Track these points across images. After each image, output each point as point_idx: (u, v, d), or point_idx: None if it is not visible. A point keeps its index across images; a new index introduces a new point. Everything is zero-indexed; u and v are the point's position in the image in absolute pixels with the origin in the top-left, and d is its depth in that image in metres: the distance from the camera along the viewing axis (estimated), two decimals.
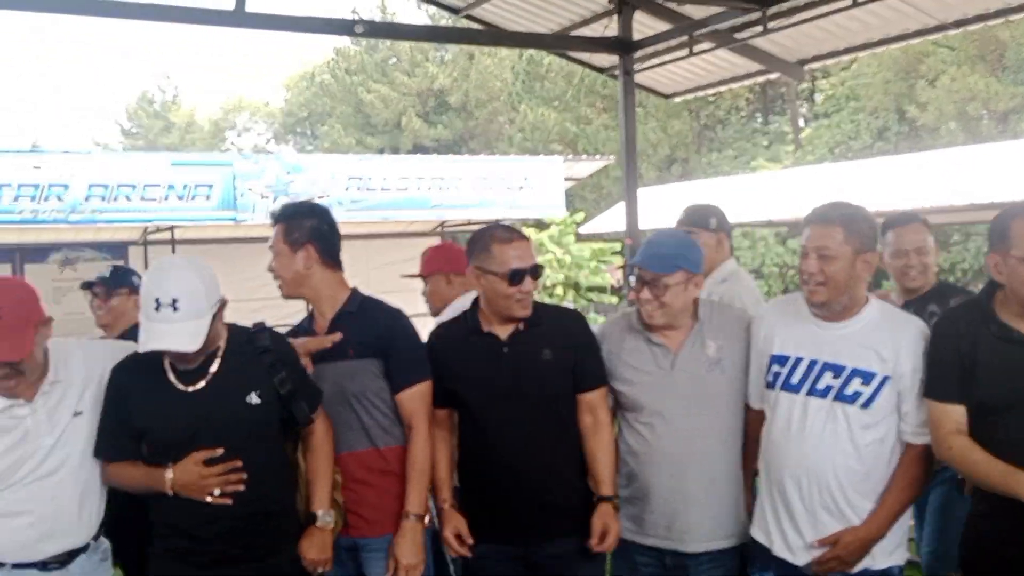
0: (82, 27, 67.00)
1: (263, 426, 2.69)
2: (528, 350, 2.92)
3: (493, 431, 2.92)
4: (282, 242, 2.95)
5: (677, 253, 2.90)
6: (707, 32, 7.69)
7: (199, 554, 2.64)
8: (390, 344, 2.91)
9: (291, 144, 46.26)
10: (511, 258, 2.87)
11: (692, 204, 4.15)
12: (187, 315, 2.51)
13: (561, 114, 26.99)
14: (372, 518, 2.91)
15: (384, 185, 12.64)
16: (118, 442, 2.69)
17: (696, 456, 2.90)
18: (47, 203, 10.50)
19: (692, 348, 2.94)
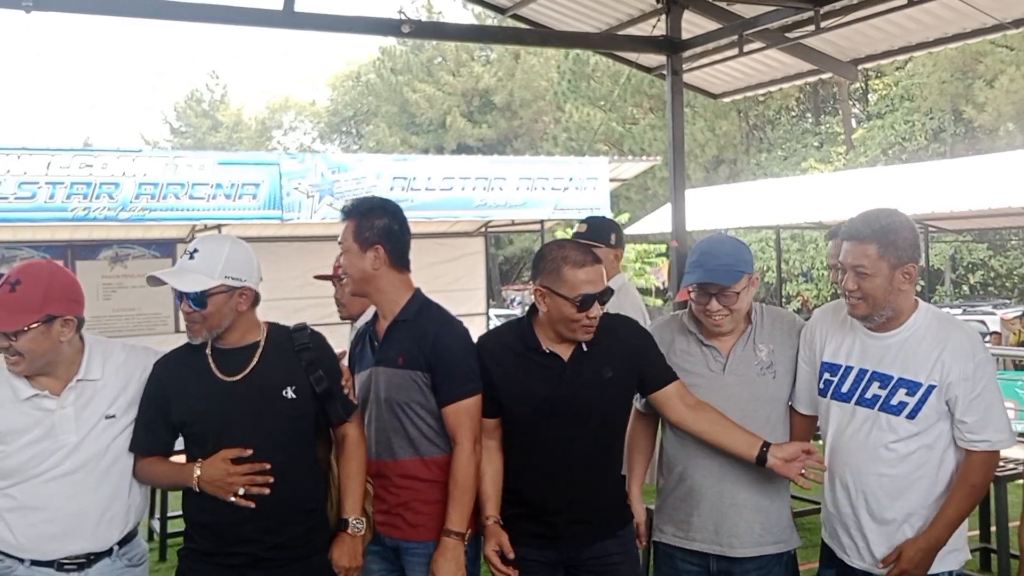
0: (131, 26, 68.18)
1: (297, 421, 2.67)
2: (589, 370, 2.84)
3: (544, 448, 2.86)
4: (352, 239, 2.88)
5: (737, 259, 2.85)
6: (758, 31, 7.56)
7: (230, 555, 2.62)
8: (438, 358, 2.83)
9: (336, 143, 46.70)
10: (582, 283, 2.76)
11: (593, 217, 4.30)
12: (197, 267, 2.61)
13: (607, 114, 26.86)
14: (415, 522, 2.86)
15: (428, 185, 12.66)
16: (153, 436, 2.69)
17: (744, 461, 2.83)
18: (98, 201, 10.67)
19: (744, 351, 2.90)
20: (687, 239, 8.30)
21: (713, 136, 26.63)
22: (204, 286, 2.58)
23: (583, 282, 2.76)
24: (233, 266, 2.62)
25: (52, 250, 12.38)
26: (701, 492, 2.90)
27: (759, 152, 28.12)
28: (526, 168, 13.63)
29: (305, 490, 2.69)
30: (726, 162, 28.09)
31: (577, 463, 2.84)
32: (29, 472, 2.56)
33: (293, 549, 2.64)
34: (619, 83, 26.91)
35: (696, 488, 2.91)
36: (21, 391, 2.58)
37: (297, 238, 13.31)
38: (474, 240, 15.30)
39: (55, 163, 10.49)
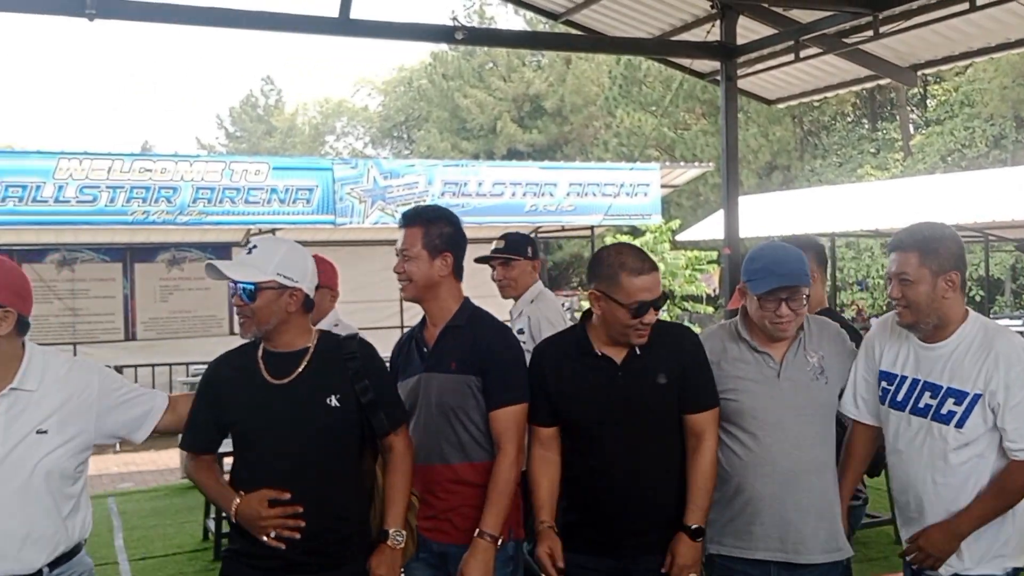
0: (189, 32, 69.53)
1: (339, 430, 2.67)
2: (643, 375, 2.86)
3: (601, 453, 2.87)
4: (422, 246, 2.94)
5: (803, 263, 2.91)
6: (815, 36, 7.46)
7: (268, 558, 2.63)
8: (490, 362, 2.89)
9: (387, 148, 47.05)
10: (638, 290, 2.79)
11: (509, 233, 4.59)
12: (253, 261, 2.64)
13: (658, 119, 26.71)
14: (463, 527, 2.88)
15: (479, 190, 12.71)
16: (201, 434, 2.74)
17: (807, 465, 2.88)
18: (157, 205, 10.89)
19: (796, 357, 2.94)
20: (740, 246, 8.21)
21: (766, 142, 26.30)
22: (255, 278, 2.61)
23: (639, 289, 2.78)
24: (287, 266, 2.65)
25: (111, 252, 12.69)
26: (762, 501, 2.89)
27: (814, 158, 27.72)
28: (577, 175, 13.63)
29: (343, 498, 2.69)
30: (779, 168, 27.73)
31: (635, 470, 2.84)
32: None
33: (326, 556, 2.64)
34: (671, 88, 26.73)
35: (756, 497, 2.90)
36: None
37: (349, 242, 13.44)
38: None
39: (115, 168, 10.73)
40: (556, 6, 8.48)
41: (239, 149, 46.06)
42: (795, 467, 2.87)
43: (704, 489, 2.85)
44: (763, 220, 14.89)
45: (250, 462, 2.68)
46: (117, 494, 8.46)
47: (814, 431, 2.90)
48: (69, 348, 12.19)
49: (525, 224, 14.02)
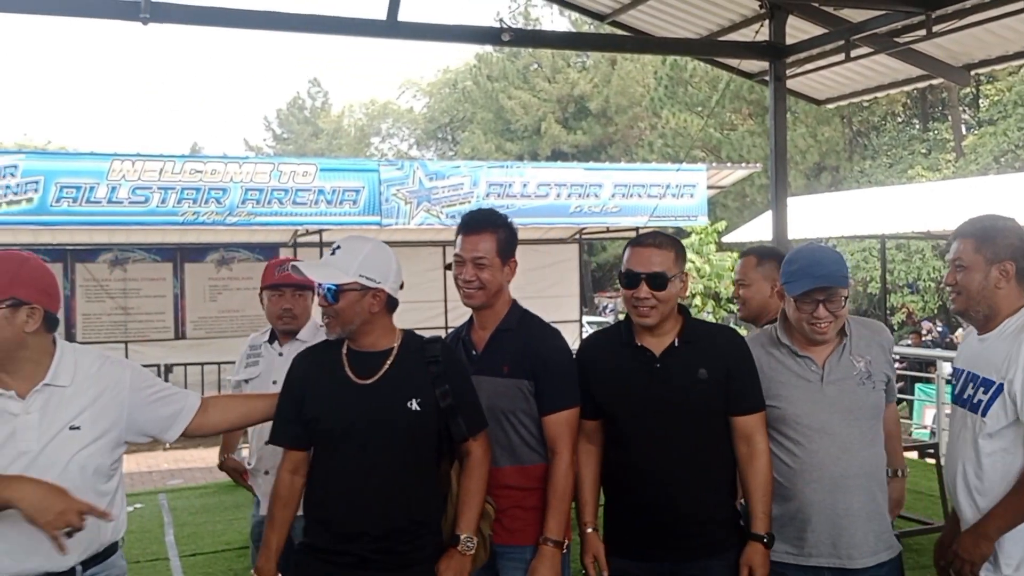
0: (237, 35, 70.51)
1: (418, 433, 2.68)
2: (682, 368, 2.84)
3: (640, 446, 2.86)
4: (495, 253, 2.94)
5: (841, 264, 2.91)
6: (866, 36, 7.34)
7: (340, 554, 2.66)
8: (543, 366, 2.89)
9: (432, 149, 47.31)
10: (629, 260, 2.86)
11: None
12: (336, 262, 2.66)
13: (704, 120, 26.50)
14: (512, 527, 2.90)
15: (524, 192, 12.72)
16: (289, 429, 2.76)
17: (855, 469, 2.86)
18: (207, 206, 11.06)
19: (841, 362, 2.92)
20: (788, 248, 8.12)
21: (815, 142, 25.98)
22: (337, 280, 2.63)
23: (630, 259, 2.86)
24: (370, 267, 2.66)
25: (162, 252, 12.90)
26: (812, 507, 2.87)
27: (863, 159, 27.31)
28: (622, 175, 13.56)
29: (418, 500, 2.70)
30: (828, 169, 27.38)
31: (676, 467, 2.82)
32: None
33: (397, 555, 2.65)
34: (717, 89, 26.53)
35: (806, 504, 2.88)
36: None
37: (394, 243, 13.45)
38: (568, 247, 15.29)
39: (167, 169, 10.92)
40: (602, 7, 8.45)
41: (286, 151, 46.62)
42: (844, 472, 2.85)
43: (764, 495, 2.83)
44: (811, 222, 14.70)
45: (327, 459, 2.71)
46: (168, 491, 8.60)
47: (861, 434, 2.88)
48: (121, 347, 12.44)
49: (569, 225, 14.02)
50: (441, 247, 13.97)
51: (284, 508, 2.77)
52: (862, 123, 28.29)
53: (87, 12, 6.33)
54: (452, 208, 12.23)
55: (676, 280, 2.85)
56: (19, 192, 10.29)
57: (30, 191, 10.35)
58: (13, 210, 10.30)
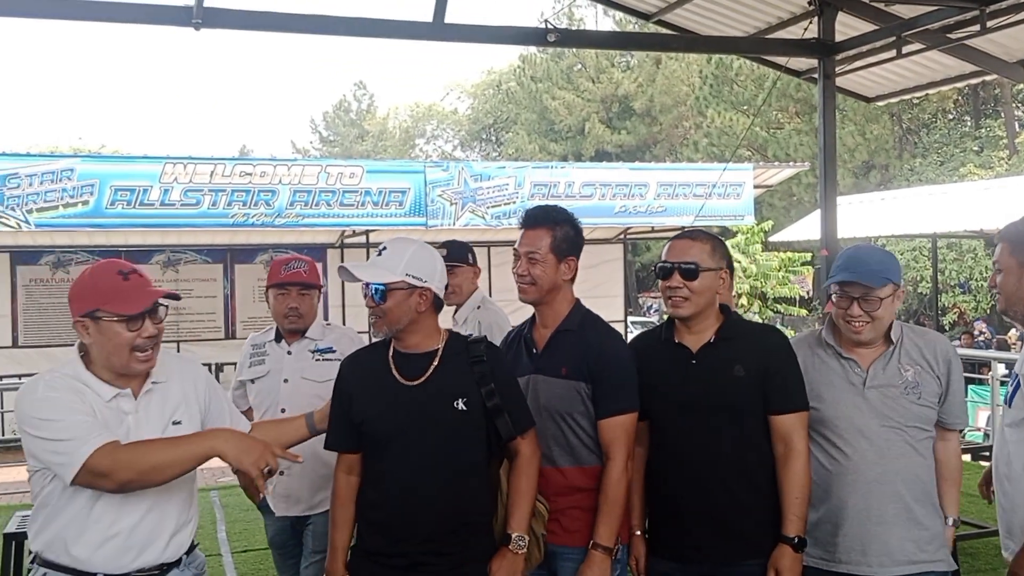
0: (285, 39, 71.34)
1: (466, 433, 2.69)
2: (719, 365, 2.83)
3: (676, 444, 2.85)
4: (549, 249, 2.93)
5: (885, 266, 2.83)
6: (917, 32, 7.24)
7: (392, 556, 2.68)
8: (601, 370, 2.86)
9: (476, 151, 47.46)
10: (664, 253, 2.90)
11: (450, 241, 4.54)
12: (383, 263, 2.69)
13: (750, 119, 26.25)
14: (571, 528, 2.89)
15: (569, 192, 12.72)
16: (341, 433, 2.79)
17: (892, 476, 2.80)
18: (256, 208, 11.23)
19: (887, 369, 2.85)
20: (837, 248, 8.02)
21: (863, 140, 25.59)
22: (385, 279, 2.66)
23: (664, 252, 2.89)
24: (416, 266, 2.69)
25: (213, 253, 13.12)
26: (845, 511, 2.82)
27: (913, 157, 26.86)
28: (667, 175, 13.51)
29: (470, 501, 2.71)
30: (877, 167, 26.97)
31: (712, 466, 2.80)
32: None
33: (449, 556, 2.66)
34: (763, 87, 26.28)
35: (840, 507, 2.83)
36: (105, 393, 2.50)
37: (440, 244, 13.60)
38: (613, 247, 15.26)
39: (217, 171, 11.11)
40: (648, 6, 8.43)
41: (332, 152, 47.09)
42: (880, 478, 2.79)
43: (798, 497, 2.76)
44: (860, 220, 14.50)
45: (377, 462, 2.73)
46: (220, 488, 8.74)
47: (901, 441, 2.81)
48: (173, 346, 12.64)
49: (615, 225, 13.99)
50: (486, 248, 14.02)
51: (343, 507, 2.80)
52: (912, 120, 27.82)
53: (141, 19, 6.47)
54: (497, 209, 12.28)
55: (711, 274, 2.83)
56: (75, 195, 10.54)
57: (86, 194, 10.60)
58: (69, 212, 10.56)
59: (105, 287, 2.48)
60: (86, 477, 2.35)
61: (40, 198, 10.41)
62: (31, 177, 10.38)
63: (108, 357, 2.48)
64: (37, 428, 2.38)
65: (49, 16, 6.42)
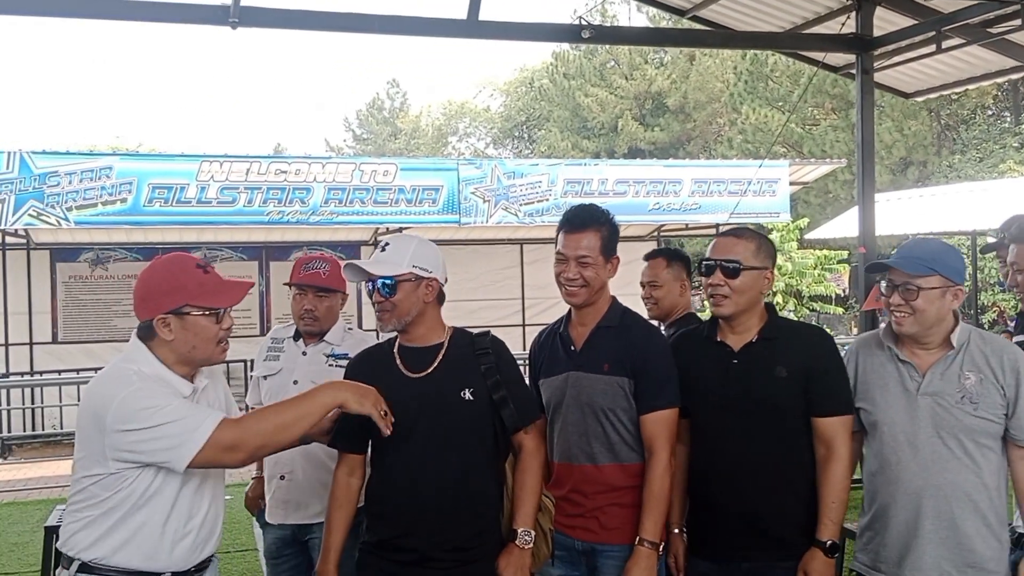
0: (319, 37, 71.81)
1: (474, 423, 2.73)
2: (760, 364, 2.80)
3: (715, 443, 2.84)
4: (599, 251, 2.93)
5: (933, 257, 2.69)
6: (957, 27, 7.12)
7: (403, 550, 2.70)
8: (644, 365, 2.88)
9: (508, 148, 47.45)
10: (709, 251, 2.89)
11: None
12: (388, 257, 2.74)
13: (786, 115, 26.00)
14: (610, 525, 2.89)
15: (602, 189, 12.68)
16: (348, 432, 2.79)
17: (936, 490, 2.67)
18: (291, 205, 11.32)
19: (943, 374, 2.71)
20: (875, 245, 7.93)
21: (901, 137, 25.23)
22: (394, 272, 2.71)
23: (709, 249, 2.89)
24: (421, 258, 2.75)
25: (248, 251, 13.24)
26: (887, 519, 2.75)
27: (951, 153, 26.46)
28: (702, 172, 13.42)
29: (478, 493, 2.73)
30: (915, 164, 26.59)
31: (751, 466, 2.77)
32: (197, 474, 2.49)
33: (461, 551, 2.68)
34: (799, 83, 26.01)
35: (883, 514, 2.77)
36: (184, 389, 2.49)
37: (473, 241, 13.64)
38: (647, 244, 15.18)
39: (253, 169, 11.21)
40: (683, 2, 8.37)
41: (365, 150, 47.31)
42: (922, 490, 2.68)
43: (835, 502, 2.72)
44: (898, 218, 14.32)
45: (386, 455, 2.74)
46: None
47: (951, 454, 2.67)
48: None
49: (648, 223, 13.93)
50: (519, 245, 14.02)
51: (340, 509, 2.80)
52: (951, 116, 27.40)
53: (178, 18, 6.54)
54: (530, 206, 12.27)
55: (754, 273, 2.81)
56: (114, 193, 10.70)
57: (124, 192, 10.76)
58: (108, 210, 10.72)
59: (190, 283, 2.47)
60: (211, 453, 2.32)
61: (79, 196, 10.58)
62: (71, 175, 10.55)
63: (191, 351, 2.47)
64: (143, 419, 2.31)
65: (88, 16, 6.51)
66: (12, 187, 10.33)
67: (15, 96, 72.91)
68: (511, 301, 13.78)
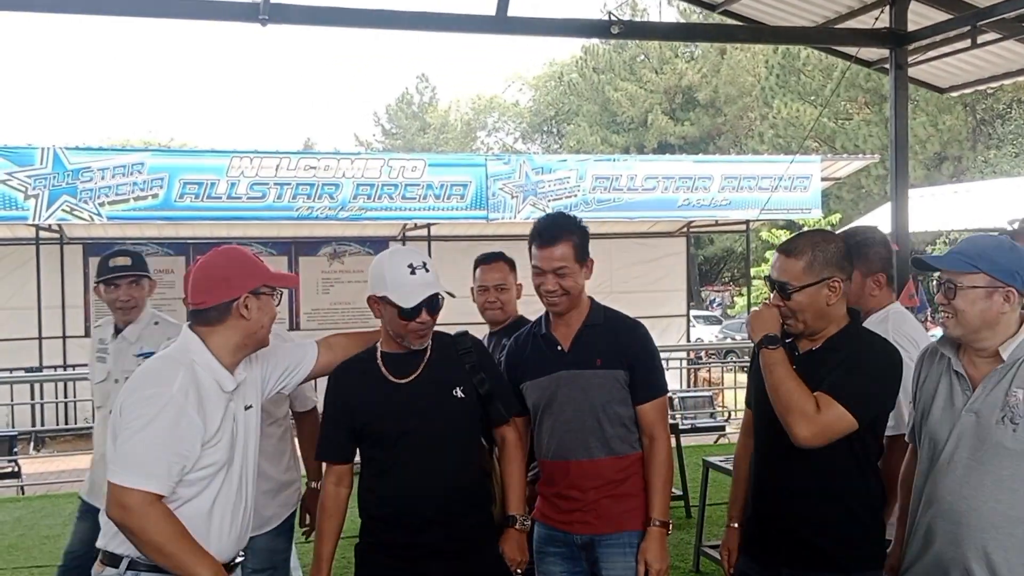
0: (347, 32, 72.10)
1: (467, 419, 2.85)
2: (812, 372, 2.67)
3: (764, 447, 2.83)
4: (574, 259, 2.99)
5: (981, 254, 2.47)
6: (993, 21, 6.99)
7: (408, 547, 2.76)
8: (636, 356, 3.01)
9: (537, 143, 47.39)
10: (770, 268, 2.86)
11: (127, 250, 4.21)
12: (435, 273, 2.78)
13: (818, 109, 25.73)
14: (606, 515, 2.98)
15: (631, 185, 12.62)
16: (334, 443, 2.88)
17: (975, 519, 2.45)
18: (320, 201, 11.37)
19: (992, 389, 2.48)
20: (908, 243, 7.82)
21: (936, 131, 24.91)
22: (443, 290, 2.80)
23: (772, 266, 2.81)
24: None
25: (278, 246, 13.32)
26: (924, 534, 2.58)
27: (987, 148, 26.07)
28: (732, 168, 13.31)
29: (475, 485, 2.89)
30: (950, 159, 26.24)
31: (800, 476, 2.69)
32: (227, 465, 2.50)
33: (465, 541, 2.80)
34: (832, 77, 25.73)
35: (922, 529, 2.59)
36: (227, 384, 2.51)
37: (500, 237, 13.60)
38: (676, 240, 15.10)
39: (283, 165, 11.27)
40: None
41: (394, 145, 47.45)
42: (965, 518, 2.46)
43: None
44: (932, 214, 14.13)
45: (383, 460, 2.82)
46: None
47: (992, 480, 2.43)
48: None
49: (677, 219, 13.83)
50: None
51: (331, 519, 2.85)
52: (986, 111, 26.98)
53: (210, 15, 6.57)
54: (558, 202, 12.24)
55: (808, 289, 2.66)
56: (145, 188, 10.80)
57: (155, 187, 10.85)
58: (140, 205, 10.82)
59: (262, 265, 2.61)
60: (121, 496, 2.32)
61: (112, 191, 10.68)
62: (103, 171, 10.66)
63: (259, 331, 2.56)
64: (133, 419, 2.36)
65: (121, 13, 6.55)
66: (46, 182, 10.45)
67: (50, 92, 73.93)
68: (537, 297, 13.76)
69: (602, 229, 12.96)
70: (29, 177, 10.38)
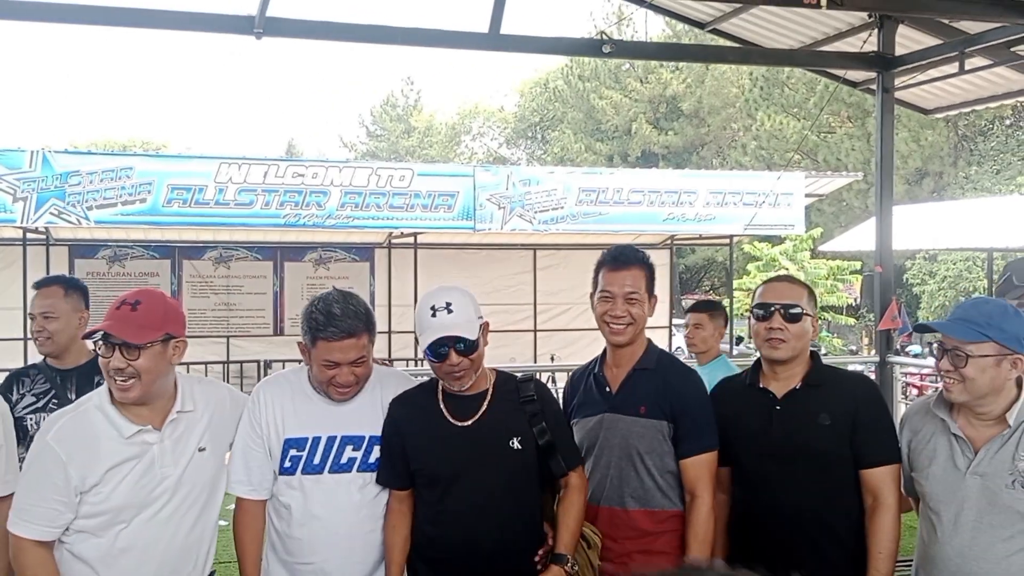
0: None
1: (522, 471, 2.75)
2: (804, 412, 2.77)
3: (757, 490, 2.83)
4: (644, 288, 2.92)
5: (990, 322, 2.52)
6: (981, 48, 7.10)
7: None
8: (683, 409, 2.86)
9: (522, 148, 47.43)
10: (761, 295, 2.89)
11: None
12: (460, 315, 2.68)
13: (801, 123, 25.94)
14: (639, 571, 2.85)
15: (616, 198, 12.67)
16: (393, 471, 2.80)
17: (979, 572, 2.50)
18: (307, 209, 11.36)
19: (999, 454, 2.52)
20: (892, 265, 7.91)
21: (917, 147, 25.16)
22: (476, 331, 2.71)
23: (761, 294, 2.87)
24: (475, 307, 2.76)
25: (263, 251, 13.30)
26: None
27: (968, 165, 26.36)
28: (717, 182, 13.39)
29: (525, 536, 2.77)
30: (931, 175, 26.51)
31: (795, 516, 2.74)
32: (133, 510, 2.54)
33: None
34: (815, 91, 25.95)
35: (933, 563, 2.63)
36: (125, 429, 2.55)
37: (486, 246, 13.66)
38: (659, 252, 15.17)
39: (271, 172, 11.26)
40: (702, 15, 8.35)
41: (379, 147, 47.34)
42: (963, 570, 2.51)
43: (882, 552, 2.66)
44: (913, 232, 14.26)
45: (434, 503, 2.76)
46: None
47: (1004, 543, 2.47)
48: (223, 341, 12.89)
49: (662, 232, 13.91)
50: (532, 251, 14.04)
51: (397, 533, 2.82)
52: (968, 127, 27.28)
53: (205, 27, 6.57)
54: (545, 214, 12.28)
55: (808, 319, 2.81)
56: (133, 193, 10.75)
57: (143, 192, 10.81)
58: (128, 210, 10.78)
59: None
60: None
61: (99, 196, 10.63)
62: (91, 175, 10.60)
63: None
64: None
65: (119, 24, 6.53)
66: (34, 185, 10.38)
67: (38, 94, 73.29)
68: (521, 307, 13.80)
69: (587, 241, 13.04)
70: (17, 180, 10.31)
